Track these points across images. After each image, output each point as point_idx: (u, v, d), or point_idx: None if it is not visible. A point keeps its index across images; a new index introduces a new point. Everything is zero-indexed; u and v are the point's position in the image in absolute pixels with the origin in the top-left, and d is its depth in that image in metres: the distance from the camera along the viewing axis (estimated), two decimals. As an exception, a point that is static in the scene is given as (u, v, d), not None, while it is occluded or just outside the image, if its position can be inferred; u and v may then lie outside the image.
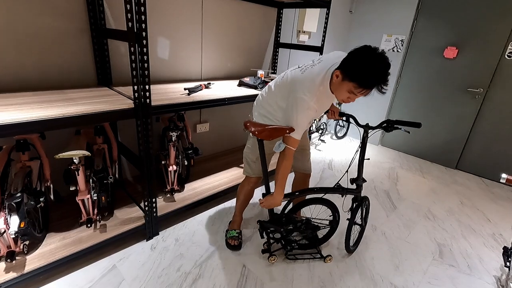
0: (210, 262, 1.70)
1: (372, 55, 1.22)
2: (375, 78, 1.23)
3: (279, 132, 1.42)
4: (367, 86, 1.25)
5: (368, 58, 1.22)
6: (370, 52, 1.23)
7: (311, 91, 1.35)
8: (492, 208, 2.65)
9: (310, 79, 1.38)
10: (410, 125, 1.54)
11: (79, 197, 1.53)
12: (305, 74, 1.41)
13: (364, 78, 1.24)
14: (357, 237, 1.90)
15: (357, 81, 1.25)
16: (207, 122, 2.62)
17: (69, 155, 1.35)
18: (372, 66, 1.21)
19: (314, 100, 1.35)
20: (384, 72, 1.22)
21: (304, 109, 1.36)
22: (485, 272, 1.84)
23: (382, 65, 1.21)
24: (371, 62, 1.21)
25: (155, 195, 1.73)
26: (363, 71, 1.23)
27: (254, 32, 2.69)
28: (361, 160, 1.65)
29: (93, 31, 1.70)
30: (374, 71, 1.22)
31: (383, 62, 1.21)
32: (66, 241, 1.54)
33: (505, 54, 2.95)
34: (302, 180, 1.89)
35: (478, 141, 3.29)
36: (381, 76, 1.22)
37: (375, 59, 1.21)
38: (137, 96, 1.45)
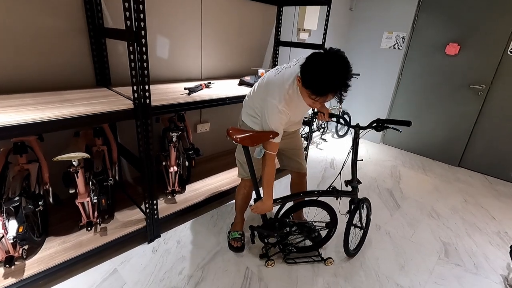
0: (213, 265, 1.67)
1: (325, 62, 1.16)
2: (327, 86, 1.17)
3: (262, 137, 1.41)
4: (320, 94, 1.20)
5: (320, 64, 1.17)
6: (323, 58, 1.17)
7: (280, 96, 1.34)
8: (496, 206, 2.63)
9: (279, 83, 1.37)
10: (400, 124, 1.51)
11: (79, 200, 1.50)
12: (277, 78, 1.41)
13: (316, 86, 1.19)
14: (359, 241, 1.86)
15: (310, 88, 1.20)
16: (208, 122, 2.59)
17: (68, 157, 1.32)
18: (323, 73, 1.16)
19: (282, 104, 1.34)
20: (336, 79, 1.15)
21: (274, 113, 1.35)
22: (491, 271, 1.82)
23: (334, 72, 1.15)
24: (323, 69, 1.16)
25: (156, 197, 1.70)
26: (315, 79, 1.18)
27: (254, 30, 2.66)
28: (354, 161, 1.61)
29: (90, 30, 1.66)
30: (325, 78, 1.16)
31: (336, 69, 1.15)
32: (66, 245, 1.51)
33: (507, 50, 2.92)
34: (298, 179, 1.86)
35: (481, 138, 3.27)
36: (333, 83, 1.16)
37: (327, 66, 1.15)
38: (137, 97, 1.42)
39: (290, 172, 1.87)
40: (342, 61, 1.16)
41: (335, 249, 1.87)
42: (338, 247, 1.87)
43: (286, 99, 1.34)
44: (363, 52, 3.89)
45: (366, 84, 3.92)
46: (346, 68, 1.16)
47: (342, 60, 1.16)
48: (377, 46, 3.74)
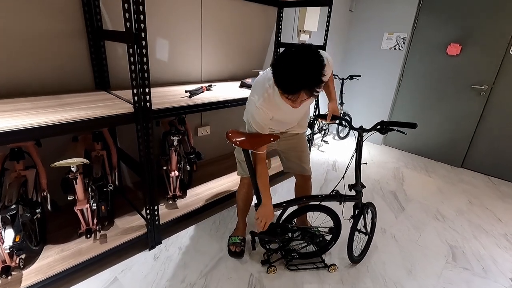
0: (216, 272, 1.63)
1: (291, 58, 1.11)
2: (295, 83, 1.12)
3: (263, 140, 1.39)
4: (290, 91, 1.15)
5: (287, 61, 1.12)
6: (290, 55, 1.12)
7: (259, 94, 1.34)
8: (501, 207, 2.60)
9: (261, 81, 1.36)
10: (405, 126, 1.46)
11: (78, 207, 1.46)
12: (262, 76, 1.40)
13: (284, 83, 1.14)
14: (364, 247, 1.81)
15: (280, 86, 1.16)
16: (208, 125, 2.55)
17: (66, 163, 1.28)
18: (290, 70, 1.11)
19: (260, 101, 1.32)
20: (304, 75, 1.10)
21: (253, 111, 1.35)
22: (500, 275, 1.78)
23: (301, 69, 1.09)
24: (289, 66, 1.11)
25: (157, 203, 1.66)
26: (283, 77, 1.14)
27: (254, 32, 2.63)
28: (358, 165, 1.57)
29: (89, 33, 1.63)
30: (292, 75, 1.11)
31: (303, 64, 1.10)
32: (64, 254, 1.47)
33: (509, 50, 2.90)
34: (302, 182, 1.83)
35: (483, 139, 3.24)
36: (301, 80, 1.11)
37: (294, 62, 1.11)
38: (137, 100, 1.38)
39: (294, 175, 1.84)
40: (310, 57, 1.11)
41: (339, 255, 1.82)
42: (342, 253, 1.83)
43: (265, 97, 1.33)
44: (364, 53, 3.87)
45: (367, 86, 3.89)
46: (314, 63, 1.11)
47: (310, 56, 1.11)
48: (377, 47, 3.72)
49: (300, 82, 1.12)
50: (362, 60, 3.90)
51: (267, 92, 1.33)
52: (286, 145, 1.70)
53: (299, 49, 1.13)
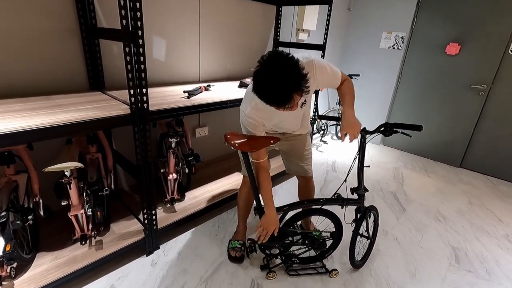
0: (217, 277, 1.58)
1: (265, 77, 1.06)
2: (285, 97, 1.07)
3: (262, 143, 1.35)
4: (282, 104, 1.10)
5: (264, 82, 1.07)
6: (263, 74, 1.07)
7: (247, 102, 1.32)
8: (501, 207, 2.59)
9: (249, 90, 1.32)
10: (411, 128, 1.41)
11: (72, 213, 1.40)
12: (250, 84, 1.33)
13: (274, 102, 1.10)
14: (366, 251, 1.77)
15: (273, 105, 1.11)
16: (206, 125, 2.50)
17: (59, 168, 1.22)
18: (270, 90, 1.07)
19: (248, 110, 1.30)
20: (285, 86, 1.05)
21: (243, 120, 1.35)
22: (504, 277, 1.76)
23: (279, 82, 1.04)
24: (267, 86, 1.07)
25: (154, 207, 1.60)
26: (269, 97, 1.09)
27: (253, 31, 2.58)
28: (361, 168, 1.52)
29: (83, 31, 1.56)
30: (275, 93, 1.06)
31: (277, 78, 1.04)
32: (58, 261, 1.41)
33: (508, 49, 2.89)
34: (304, 183, 1.79)
35: (482, 139, 3.24)
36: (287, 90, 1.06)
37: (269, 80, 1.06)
38: (134, 101, 1.33)
39: (296, 177, 1.80)
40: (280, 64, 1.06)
41: (340, 259, 1.78)
42: (343, 257, 1.79)
43: (252, 106, 1.30)
44: (362, 52, 3.84)
45: (365, 85, 3.87)
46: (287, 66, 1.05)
47: (280, 62, 1.06)
48: (376, 46, 3.70)
49: (288, 91, 1.06)
50: (361, 59, 3.87)
51: (254, 100, 1.27)
52: (287, 145, 1.66)
53: (268, 63, 1.08)
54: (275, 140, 1.37)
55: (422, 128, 1.37)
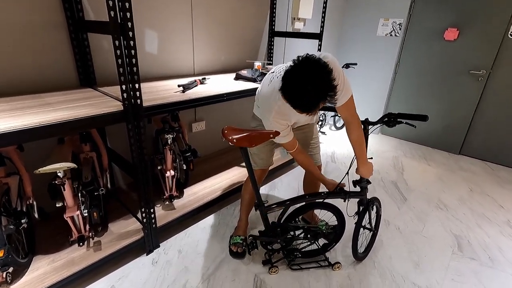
0: (219, 274, 1.56)
1: (300, 78, 1.04)
2: (312, 105, 1.06)
3: (262, 137, 1.32)
4: (310, 111, 1.10)
5: (298, 84, 1.05)
6: (298, 75, 1.05)
7: (270, 110, 1.30)
8: (501, 193, 2.58)
9: (269, 96, 1.31)
10: (416, 119, 1.38)
11: (67, 214, 1.36)
12: (269, 87, 1.34)
13: (302, 108, 1.08)
14: (369, 243, 1.75)
15: (299, 109, 1.09)
16: (203, 120, 2.44)
17: (51, 169, 1.17)
18: (303, 94, 1.04)
19: (272, 115, 1.29)
20: (316, 96, 1.04)
21: (270, 124, 1.32)
22: (507, 264, 1.76)
23: (313, 89, 1.03)
24: (301, 90, 1.04)
25: (153, 204, 1.56)
26: (302, 100, 1.07)
27: (247, 21, 2.50)
28: None
29: (70, 25, 1.49)
30: (310, 96, 1.04)
31: (312, 79, 1.03)
32: (56, 264, 1.37)
33: (508, 33, 2.85)
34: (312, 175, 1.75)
35: (481, 125, 3.22)
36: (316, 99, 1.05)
37: (300, 86, 1.04)
38: (126, 97, 1.27)
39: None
40: (317, 70, 1.04)
41: (342, 252, 1.76)
42: (345, 250, 1.77)
43: (276, 110, 1.29)
44: (359, 40, 3.77)
45: (363, 74, 3.81)
46: (324, 74, 1.04)
47: (317, 68, 1.04)
48: (373, 34, 3.63)
49: (317, 100, 1.06)
50: (358, 47, 3.80)
51: (276, 104, 1.28)
52: (296, 135, 1.62)
53: (302, 68, 1.06)
54: (275, 134, 1.33)
55: (427, 118, 1.34)
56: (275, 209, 1.49)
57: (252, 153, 1.61)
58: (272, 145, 1.62)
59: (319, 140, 1.71)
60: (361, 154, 1.45)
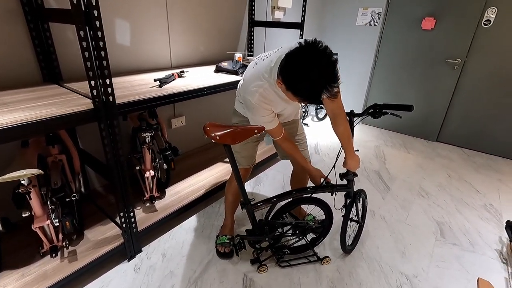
0: (206, 277, 1.50)
1: (307, 65, 0.99)
2: (317, 94, 1.03)
3: (245, 133, 1.26)
4: (313, 100, 1.07)
5: (304, 70, 0.99)
6: (304, 61, 1.00)
7: (254, 92, 1.22)
8: (477, 178, 2.68)
9: (254, 78, 1.24)
10: (401, 109, 1.39)
11: (36, 225, 1.23)
12: (254, 71, 1.27)
13: (306, 95, 1.04)
14: (355, 235, 1.75)
15: (301, 96, 1.05)
16: (183, 115, 2.33)
17: (12, 177, 1.04)
18: (310, 79, 0.99)
19: (256, 98, 1.22)
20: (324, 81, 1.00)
21: (252, 110, 1.26)
22: (486, 247, 1.82)
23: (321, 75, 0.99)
24: (308, 75, 0.99)
25: (132, 207, 1.46)
26: (303, 87, 1.02)
27: (225, 10, 2.39)
28: None
29: (27, 13, 1.33)
30: (313, 84, 1.00)
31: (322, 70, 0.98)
32: (26, 279, 1.25)
33: (481, 22, 2.92)
34: (300, 170, 1.73)
35: (457, 112, 3.32)
36: (322, 86, 1.01)
37: (312, 69, 0.98)
38: (96, 94, 1.15)
39: (292, 163, 1.72)
40: (325, 59, 0.99)
41: (330, 245, 1.76)
42: (333, 243, 1.77)
43: (260, 93, 1.21)
44: (339, 30, 3.75)
45: (343, 64, 3.81)
46: (332, 63, 1.00)
47: (325, 56, 0.99)
48: (352, 23, 3.62)
49: (322, 90, 1.02)
50: (338, 37, 3.78)
51: (262, 87, 1.21)
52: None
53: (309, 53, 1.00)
54: (260, 130, 1.27)
55: (413, 108, 1.33)
56: (262, 207, 1.44)
57: (234, 151, 1.53)
58: (255, 142, 1.56)
59: (305, 135, 1.66)
60: (348, 147, 1.42)
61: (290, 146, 1.42)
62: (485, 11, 2.87)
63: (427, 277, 1.58)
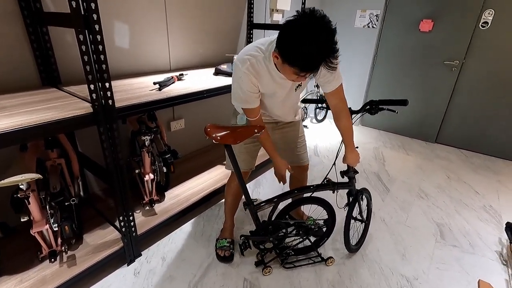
0: (206, 281, 1.49)
1: (305, 31, 0.94)
2: (315, 61, 0.99)
3: (247, 133, 1.27)
4: (311, 69, 1.03)
5: (301, 36, 0.95)
6: (301, 27, 0.95)
7: (245, 58, 1.16)
8: (476, 180, 2.69)
9: (249, 48, 1.19)
10: (396, 104, 1.42)
11: (34, 230, 1.22)
12: (251, 44, 1.22)
13: (303, 63, 1.00)
14: (361, 234, 1.76)
15: (297, 66, 1.01)
16: (182, 118, 2.33)
17: (11, 182, 1.04)
18: (308, 46, 0.95)
19: (246, 65, 1.16)
20: (323, 49, 0.96)
21: (238, 78, 1.21)
22: (486, 249, 1.82)
23: (319, 42, 0.95)
24: (307, 41, 0.95)
25: (131, 211, 1.46)
26: (300, 55, 0.98)
27: (224, 12, 2.39)
28: None
29: (26, 17, 1.32)
30: (310, 53, 0.96)
31: (320, 36, 0.94)
32: (24, 285, 1.24)
33: (479, 24, 2.93)
34: (299, 172, 1.72)
35: (455, 114, 3.33)
36: (319, 55, 0.97)
37: (309, 35, 0.94)
38: (96, 97, 1.15)
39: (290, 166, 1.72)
40: (324, 25, 0.96)
41: (333, 246, 1.75)
42: (336, 244, 1.77)
43: (252, 63, 1.16)
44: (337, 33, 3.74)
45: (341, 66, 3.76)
46: (327, 32, 0.96)
47: (323, 27, 0.96)
48: (351, 25, 3.63)
49: (322, 57, 0.98)
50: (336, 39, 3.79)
51: (255, 58, 1.16)
52: (280, 133, 1.56)
53: (307, 19, 0.96)
54: (259, 129, 1.27)
55: (407, 102, 1.38)
56: (264, 207, 1.45)
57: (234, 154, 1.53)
58: (256, 146, 1.55)
59: (305, 138, 1.66)
60: (349, 141, 1.44)
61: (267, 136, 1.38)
62: (483, 13, 2.89)
63: (427, 279, 1.57)
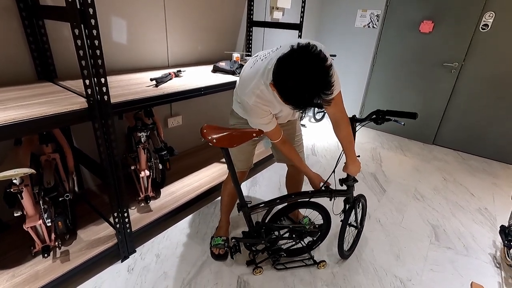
0: (200, 279, 1.49)
1: (296, 73, 0.93)
2: (307, 102, 1.00)
3: (244, 137, 1.25)
4: (304, 108, 1.04)
5: (293, 78, 0.94)
6: (294, 68, 0.94)
7: (252, 94, 1.18)
8: (472, 182, 2.70)
9: (251, 79, 1.19)
10: (405, 116, 1.35)
11: (27, 225, 1.22)
12: (251, 71, 1.22)
13: (296, 104, 1.00)
14: (353, 240, 1.75)
15: (291, 104, 1.01)
16: (179, 114, 2.31)
17: (3, 177, 1.03)
18: (300, 88, 0.94)
19: (253, 99, 1.18)
20: (316, 89, 0.95)
21: (250, 110, 1.23)
22: (480, 251, 1.83)
23: (312, 83, 0.94)
24: (297, 84, 0.94)
25: (126, 207, 1.45)
26: (292, 96, 0.98)
27: (224, 9, 2.38)
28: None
29: (21, 10, 1.31)
30: (302, 95, 0.96)
31: (313, 78, 0.93)
32: (17, 280, 1.23)
33: (479, 26, 2.93)
34: (296, 172, 1.73)
35: (453, 116, 3.33)
36: (311, 97, 0.97)
37: (302, 77, 0.93)
38: (91, 93, 1.14)
39: (286, 164, 1.71)
40: (317, 65, 0.94)
41: (327, 249, 1.75)
42: (330, 247, 1.76)
43: (258, 94, 1.17)
44: (337, 32, 3.75)
45: (341, 66, 3.81)
46: (324, 70, 0.94)
47: (317, 64, 0.94)
48: (351, 25, 3.62)
49: (312, 97, 0.97)
50: (336, 39, 3.78)
51: (259, 89, 1.17)
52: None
53: (300, 60, 0.95)
54: (258, 133, 1.26)
55: (417, 116, 1.31)
56: (259, 210, 1.43)
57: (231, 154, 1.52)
58: (253, 145, 1.55)
59: (302, 137, 1.66)
60: (350, 152, 1.41)
61: (289, 148, 1.39)
62: (483, 16, 2.88)
63: (421, 281, 1.58)
